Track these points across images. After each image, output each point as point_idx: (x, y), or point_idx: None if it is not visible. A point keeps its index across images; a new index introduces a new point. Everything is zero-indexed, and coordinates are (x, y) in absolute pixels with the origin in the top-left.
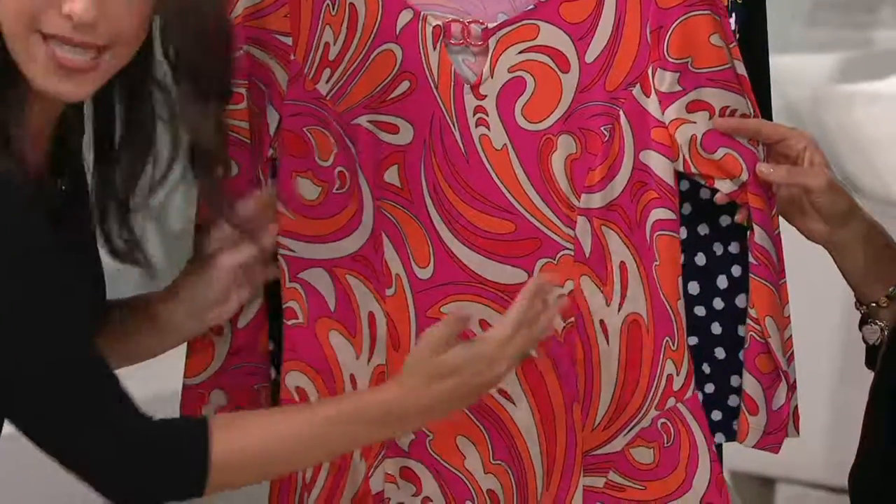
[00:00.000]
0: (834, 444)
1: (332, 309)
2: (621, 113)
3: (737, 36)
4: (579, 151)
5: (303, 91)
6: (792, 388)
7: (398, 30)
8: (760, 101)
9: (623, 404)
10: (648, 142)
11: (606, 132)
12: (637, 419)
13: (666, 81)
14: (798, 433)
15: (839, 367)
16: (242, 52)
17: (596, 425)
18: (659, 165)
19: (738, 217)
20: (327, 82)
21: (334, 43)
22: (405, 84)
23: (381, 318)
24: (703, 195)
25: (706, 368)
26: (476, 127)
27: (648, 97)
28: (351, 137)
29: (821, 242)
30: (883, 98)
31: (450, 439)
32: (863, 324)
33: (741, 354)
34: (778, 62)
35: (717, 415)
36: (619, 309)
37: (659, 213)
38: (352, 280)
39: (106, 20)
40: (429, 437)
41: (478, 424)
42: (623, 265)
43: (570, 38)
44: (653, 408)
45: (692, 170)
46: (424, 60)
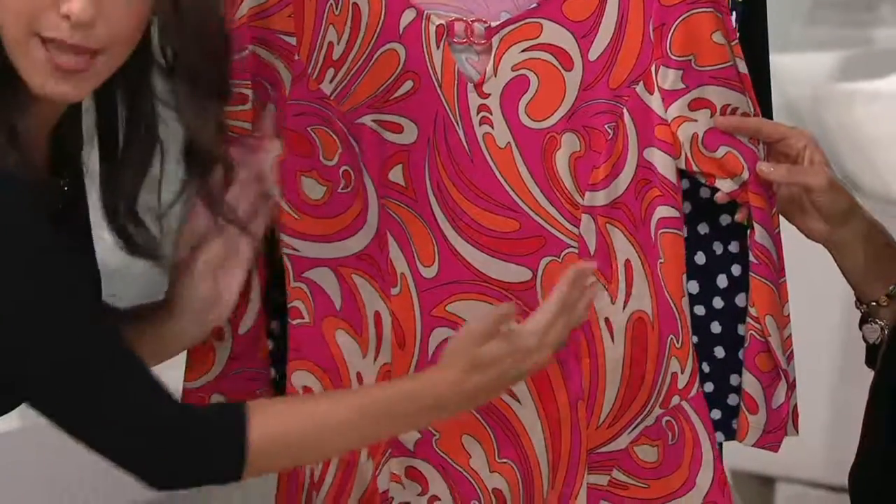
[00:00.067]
0: (834, 443)
1: (339, 308)
2: (625, 110)
3: (737, 34)
4: (583, 149)
5: (307, 91)
6: (791, 387)
7: (401, 29)
8: (761, 100)
9: (628, 402)
10: (652, 139)
11: (610, 130)
12: (641, 417)
13: (669, 79)
14: (797, 432)
15: (839, 366)
16: (248, 53)
17: (600, 423)
18: (662, 163)
19: (739, 216)
20: (331, 82)
21: (338, 42)
22: (409, 83)
23: (387, 317)
24: (704, 194)
25: (706, 367)
26: (480, 125)
27: (652, 94)
28: (355, 137)
29: (821, 241)
30: (883, 96)
31: (455, 438)
32: (863, 323)
33: (741, 353)
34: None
35: (717, 414)
36: (625, 307)
37: (663, 211)
38: (357, 279)
39: (104, 20)
40: (435, 437)
41: (483, 423)
42: (628, 263)
43: (574, 36)
44: (657, 406)
45: (694, 168)
46: (428, 59)
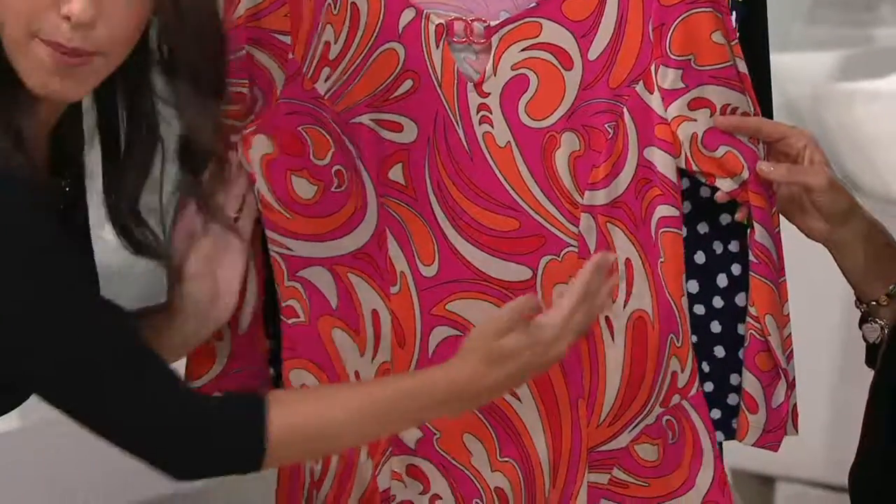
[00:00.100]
0: (834, 443)
1: (334, 307)
2: (625, 110)
3: (737, 34)
4: (583, 148)
5: (300, 90)
6: (791, 387)
7: (401, 29)
8: (761, 99)
9: (628, 401)
10: (652, 139)
11: (610, 129)
12: (642, 416)
13: (669, 78)
14: (797, 431)
15: (839, 366)
16: (244, 52)
17: (601, 422)
18: (662, 162)
19: (739, 215)
20: (326, 81)
21: (335, 42)
22: (408, 83)
23: (386, 316)
24: (703, 193)
25: (706, 367)
26: (480, 125)
27: (652, 94)
28: (350, 136)
29: (821, 241)
30: (883, 96)
31: (456, 437)
32: (863, 322)
33: (741, 353)
34: (778, 60)
35: (717, 413)
36: (625, 306)
37: (663, 211)
38: (353, 278)
39: (104, 21)
40: (436, 436)
41: (484, 422)
42: (628, 262)
43: (573, 36)
44: (657, 405)
45: (693, 167)
46: (427, 59)
